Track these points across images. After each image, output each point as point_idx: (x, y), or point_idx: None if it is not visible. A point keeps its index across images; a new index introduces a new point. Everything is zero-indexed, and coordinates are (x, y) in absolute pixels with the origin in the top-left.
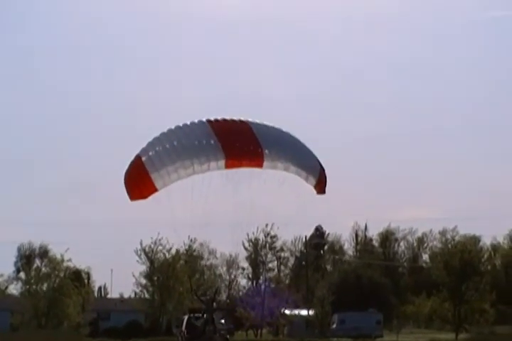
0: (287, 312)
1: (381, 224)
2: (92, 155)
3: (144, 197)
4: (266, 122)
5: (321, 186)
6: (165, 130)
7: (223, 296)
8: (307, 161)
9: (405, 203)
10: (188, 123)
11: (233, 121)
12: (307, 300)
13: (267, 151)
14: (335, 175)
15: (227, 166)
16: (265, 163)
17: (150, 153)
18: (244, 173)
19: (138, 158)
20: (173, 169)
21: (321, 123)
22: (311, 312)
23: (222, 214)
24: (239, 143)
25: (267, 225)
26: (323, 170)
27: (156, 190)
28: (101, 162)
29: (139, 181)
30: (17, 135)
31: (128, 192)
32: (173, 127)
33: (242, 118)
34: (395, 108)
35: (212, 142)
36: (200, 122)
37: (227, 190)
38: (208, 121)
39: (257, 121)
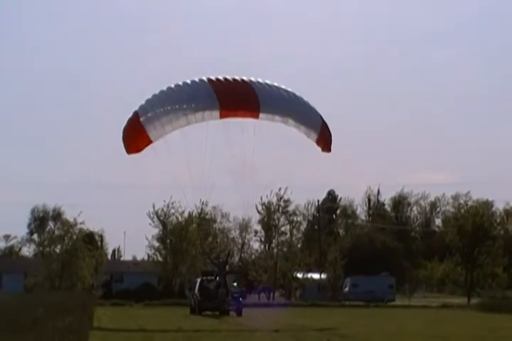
0: (300, 275)
1: (394, 188)
2: (106, 116)
3: (140, 150)
4: (268, 81)
5: (324, 143)
6: (164, 88)
7: (236, 259)
8: (307, 116)
9: (418, 168)
10: (188, 81)
11: (234, 79)
12: (319, 264)
13: (262, 105)
14: (348, 140)
15: (222, 116)
16: (261, 115)
17: (149, 114)
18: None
19: (136, 116)
20: (167, 121)
21: (333, 86)
22: (323, 276)
23: (233, 177)
24: (235, 97)
25: (280, 189)
26: (327, 126)
27: (150, 141)
28: (115, 124)
29: (135, 136)
30: (32, 100)
31: (125, 148)
32: (172, 85)
33: (244, 77)
34: (408, 70)
35: (208, 95)
36: (200, 80)
37: (240, 151)
38: (209, 79)
39: (259, 79)
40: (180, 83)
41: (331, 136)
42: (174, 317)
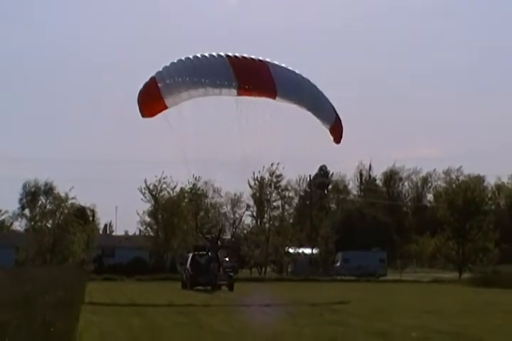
0: (291, 250)
1: (385, 163)
2: (98, 92)
3: (154, 114)
4: (284, 65)
5: (336, 135)
6: (183, 57)
7: (228, 235)
8: (321, 108)
9: (410, 143)
10: (207, 54)
11: (252, 59)
12: (311, 239)
13: (279, 91)
14: (340, 115)
15: (239, 94)
16: (278, 99)
17: (167, 81)
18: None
19: (153, 81)
20: (185, 90)
21: (326, 60)
22: (315, 251)
23: (229, 151)
24: (254, 78)
25: (272, 164)
26: (340, 121)
27: (166, 107)
28: (108, 100)
29: (151, 100)
30: (22, 67)
31: (140, 110)
32: (191, 56)
33: (261, 58)
34: (399, 46)
35: (227, 72)
36: (219, 56)
37: (233, 126)
38: (227, 55)
39: (276, 62)
40: (199, 55)
41: (342, 128)
42: (166, 291)
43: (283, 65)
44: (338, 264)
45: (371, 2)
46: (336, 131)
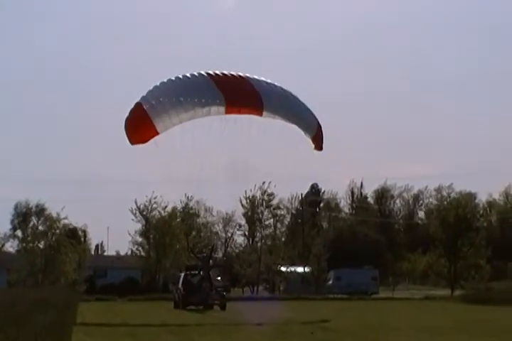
0: (283, 269)
1: (377, 181)
2: (91, 113)
3: (145, 140)
4: (263, 78)
5: (317, 142)
6: (165, 80)
7: (220, 254)
8: (304, 117)
9: (401, 160)
10: (188, 75)
11: (232, 74)
12: (303, 257)
13: (265, 103)
14: (331, 133)
15: (227, 112)
16: (264, 113)
17: (153, 102)
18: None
19: (139, 105)
20: (175, 113)
21: (319, 77)
22: (307, 269)
23: (220, 171)
24: (240, 93)
25: (263, 183)
26: (321, 128)
27: (157, 133)
28: (99, 120)
29: (140, 125)
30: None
31: (129, 137)
32: (173, 78)
33: (241, 73)
34: (395, 64)
35: (213, 90)
36: (200, 74)
37: (224, 146)
38: (208, 73)
39: (256, 76)
40: (181, 76)
41: (323, 137)
42: (158, 311)
43: (262, 78)
44: (331, 282)
45: (372, 11)
46: (318, 139)
